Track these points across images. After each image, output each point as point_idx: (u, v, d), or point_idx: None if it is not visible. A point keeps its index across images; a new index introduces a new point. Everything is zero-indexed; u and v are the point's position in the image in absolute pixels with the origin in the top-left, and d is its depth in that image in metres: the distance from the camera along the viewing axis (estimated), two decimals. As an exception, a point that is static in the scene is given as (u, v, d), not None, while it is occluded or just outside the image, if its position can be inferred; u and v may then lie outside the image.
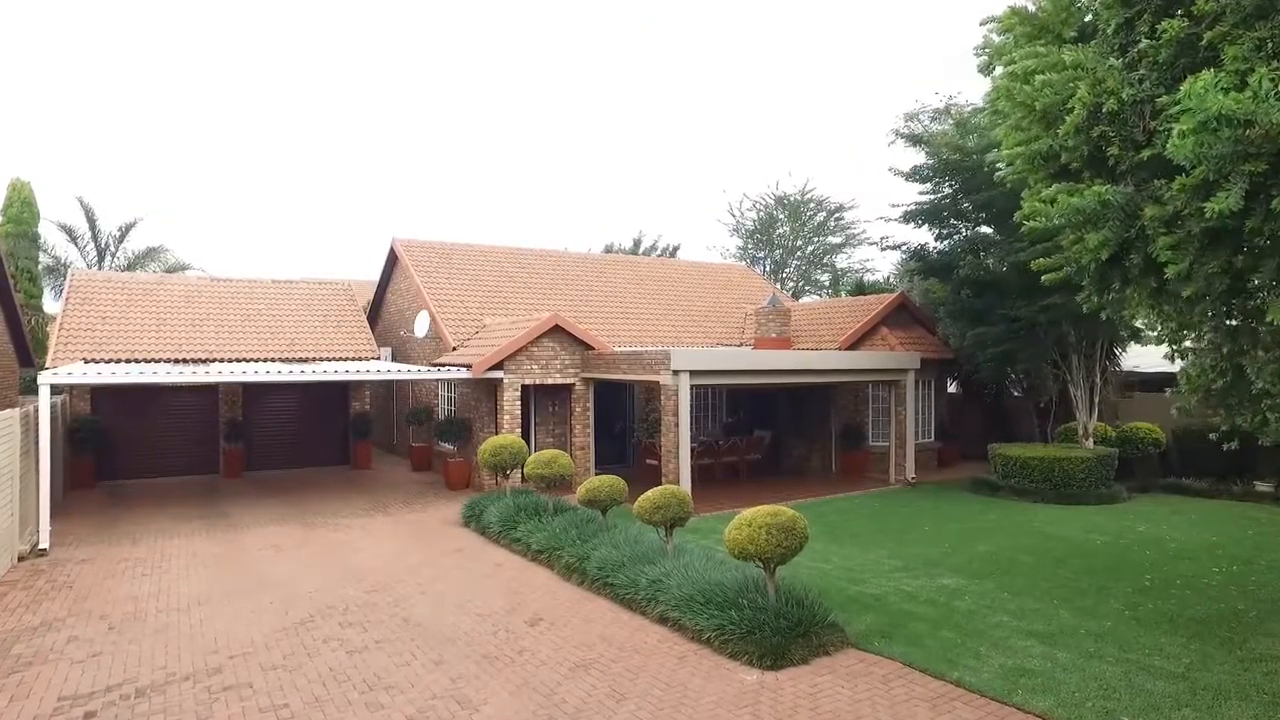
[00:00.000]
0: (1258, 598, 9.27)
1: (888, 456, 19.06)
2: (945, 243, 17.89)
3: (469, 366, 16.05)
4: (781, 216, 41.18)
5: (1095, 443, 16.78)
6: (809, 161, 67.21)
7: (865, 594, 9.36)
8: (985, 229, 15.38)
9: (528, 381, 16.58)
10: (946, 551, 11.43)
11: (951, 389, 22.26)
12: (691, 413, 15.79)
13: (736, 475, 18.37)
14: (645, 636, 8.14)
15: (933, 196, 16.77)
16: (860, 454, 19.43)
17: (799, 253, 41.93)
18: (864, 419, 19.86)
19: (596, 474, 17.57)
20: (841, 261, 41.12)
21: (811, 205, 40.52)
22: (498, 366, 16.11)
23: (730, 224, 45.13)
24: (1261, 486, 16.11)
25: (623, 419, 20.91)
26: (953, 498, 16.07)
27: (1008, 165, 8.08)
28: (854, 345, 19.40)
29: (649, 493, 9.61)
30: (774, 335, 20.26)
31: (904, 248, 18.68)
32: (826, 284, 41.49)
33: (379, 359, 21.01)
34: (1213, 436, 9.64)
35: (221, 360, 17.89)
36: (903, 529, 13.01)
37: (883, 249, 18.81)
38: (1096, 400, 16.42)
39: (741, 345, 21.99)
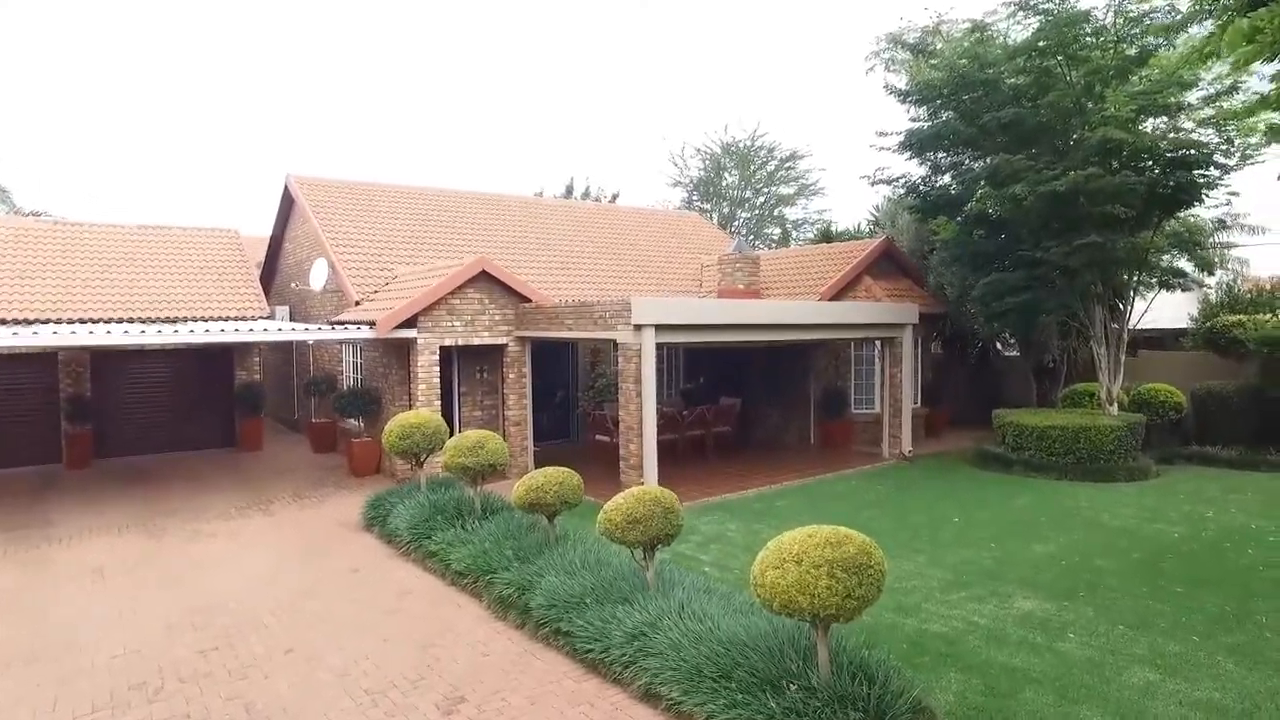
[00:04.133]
0: None
1: (873, 426, 16.54)
2: (950, 175, 15.17)
3: (373, 324, 12.72)
4: (729, 165, 38.25)
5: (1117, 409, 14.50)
6: (757, 107, 64.17)
7: (929, 633, 6.63)
8: (1008, 155, 12.70)
9: (448, 342, 13.35)
10: (999, 556, 8.82)
11: (935, 348, 19.84)
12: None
13: (703, 451, 15.57)
14: (627, 731, 5.26)
15: (944, 116, 13.95)
16: (842, 423, 16.85)
17: (748, 204, 39.16)
18: (846, 383, 17.28)
19: (536, 451, 14.71)
20: (794, 214, 38.53)
21: (762, 153, 37.68)
22: (409, 324, 12.83)
23: (673, 174, 42.04)
24: (1299, 455, 14.12)
25: (565, 385, 17.86)
26: (963, 476, 13.58)
27: None
28: (835, 298, 16.69)
29: (620, 499, 6.62)
30: (741, 286, 17.36)
31: (901, 181, 15.90)
32: (776, 238, 38.89)
33: (272, 318, 17.44)
34: None
35: (63, 321, 14.11)
36: (928, 523, 10.38)
37: (873, 183, 15.52)
38: (1123, 359, 14.06)
39: (703, 298, 19.07)
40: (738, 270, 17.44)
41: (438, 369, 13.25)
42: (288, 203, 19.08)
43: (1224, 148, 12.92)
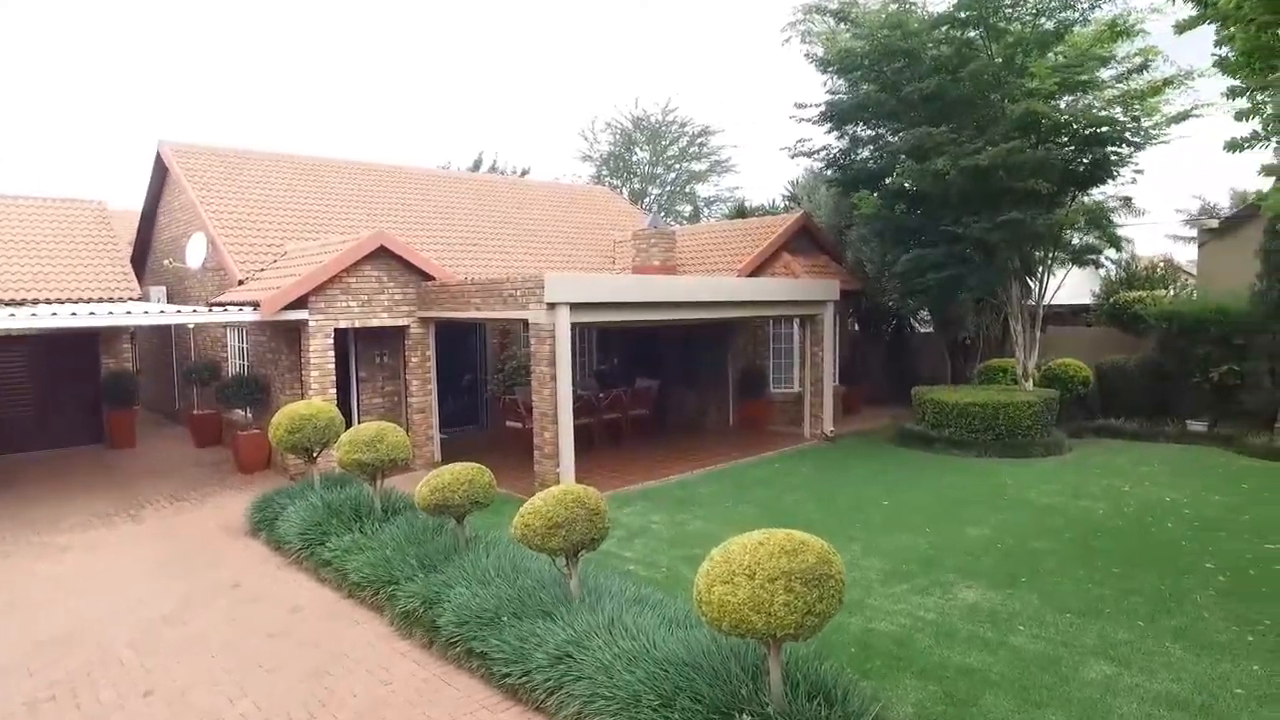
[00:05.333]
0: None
1: (792, 406, 16.28)
2: (870, 148, 14.88)
3: (257, 305, 11.47)
4: (640, 140, 37.50)
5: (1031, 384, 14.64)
6: (669, 81, 63.37)
7: (877, 633, 6.18)
8: (930, 127, 12.45)
9: (344, 324, 12.22)
10: (934, 541, 8.51)
11: (851, 325, 19.75)
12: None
13: (620, 436, 14.94)
14: (553, 772, 4.57)
15: (865, 88, 13.57)
16: (762, 403, 16.52)
17: (659, 181, 38.56)
18: (764, 362, 16.94)
19: (443, 439, 13.75)
20: (706, 191, 38.16)
21: (673, 128, 37.08)
22: (300, 304, 11.64)
23: (583, 149, 40.97)
24: (1194, 425, 14.61)
25: (473, 369, 16.89)
26: (886, 455, 13.40)
27: None
28: (753, 274, 16.26)
29: (538, 502, 5.86)
30: (657, 262, 16.75)
31: (821, 154, 15.52)
32: (688, 215, 38.48)
33: (146, 300, 15.76)
34: None
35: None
36: (857, 507, 10.04)
37: (793, 155, 15.09)
38: (1039, 335, 14.15)
39: (618, 275, 18.35)
40: (653, 246, 16.81)
41: (332, 353, 12.12)
42: (160, 172, 17.26)
43: (1131, 126, 13.05)
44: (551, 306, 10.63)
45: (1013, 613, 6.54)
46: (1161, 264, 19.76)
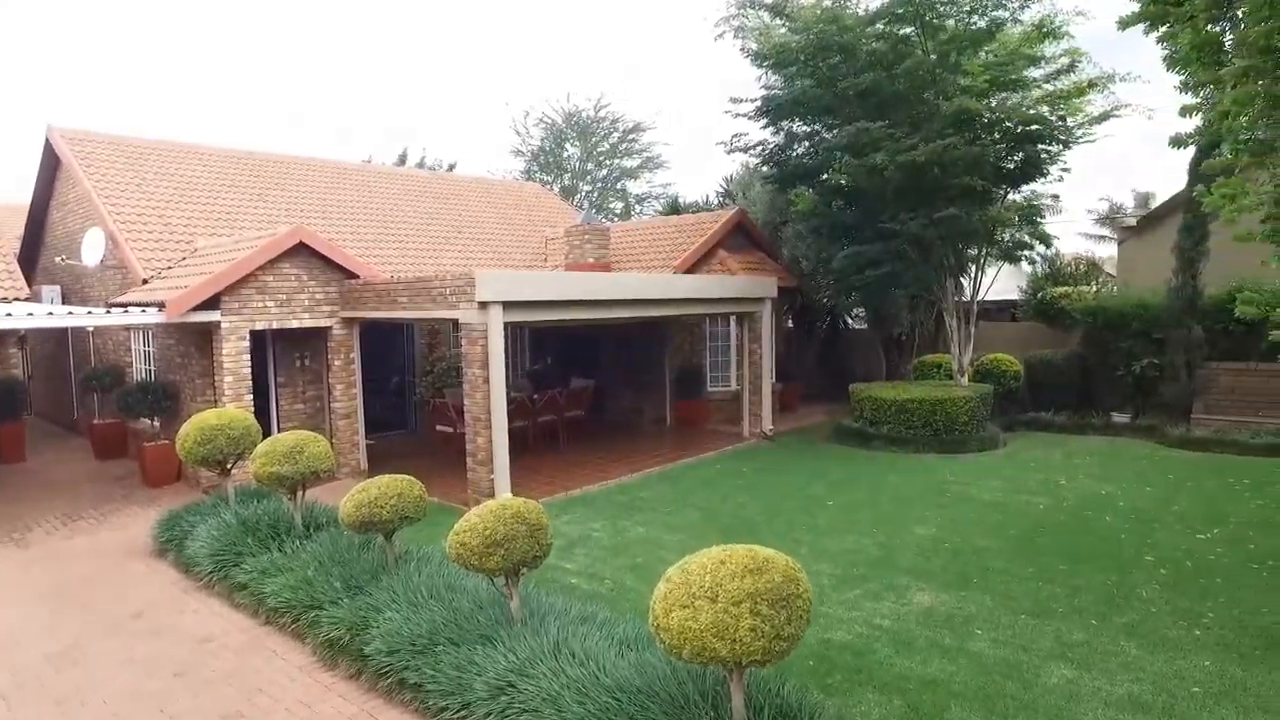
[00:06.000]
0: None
1: (730, 404, 16.14)
2: (807, 143, 14.77)
3: (162, 305, 10.61)
4: (572, 135, 36.98)
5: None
6: (600, 76, 62.85)
7: (834, 643, 5.93)
8: (868, 123, 12.38)
9: (260, 325, 11.44)
10: (883, 542, 8.37)
11: (786, 322, 19.73)
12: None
13: (556, 439, 14.48)
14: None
15: (800, 83, 13.43)
16: (699, 403, 16.30)
17: (590, 177, 38.11)
18: (701, 360, 16.73)
19: (370, 444, 13.05)
20: (638, 188, 37.88)
21: (605, 124, 36.68)
22: (211, 305, 10.83)
23: (514, 143, 40.19)
24: (1119, 417, 15.03)
25: (401, 371, 16.19)
26: (825, 453, 13.32)
27: None
28: (689, 271, 16.02)
29: (474, 518, 5.40)
30: (591, 259, 16.36)
31: (758, 149, 15.34)
32: (619, 212, 38.15)
33: (36, 300, 14.51)
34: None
35: None
36: (802, 508, 9.86)
37: (729, 150, 14.91)
38: (974, 331, 14.31)
39: (552, 273, 17.87)
40: (587, 243, 16.43)
41: (248, 357, 11.34)
42: (51, 162, 15.97)
43: (1059, 126, 13.29)
44: (483, 306, 10.13)
45: (968, 616, 6.40)
46: (1084, 261, 20.35)
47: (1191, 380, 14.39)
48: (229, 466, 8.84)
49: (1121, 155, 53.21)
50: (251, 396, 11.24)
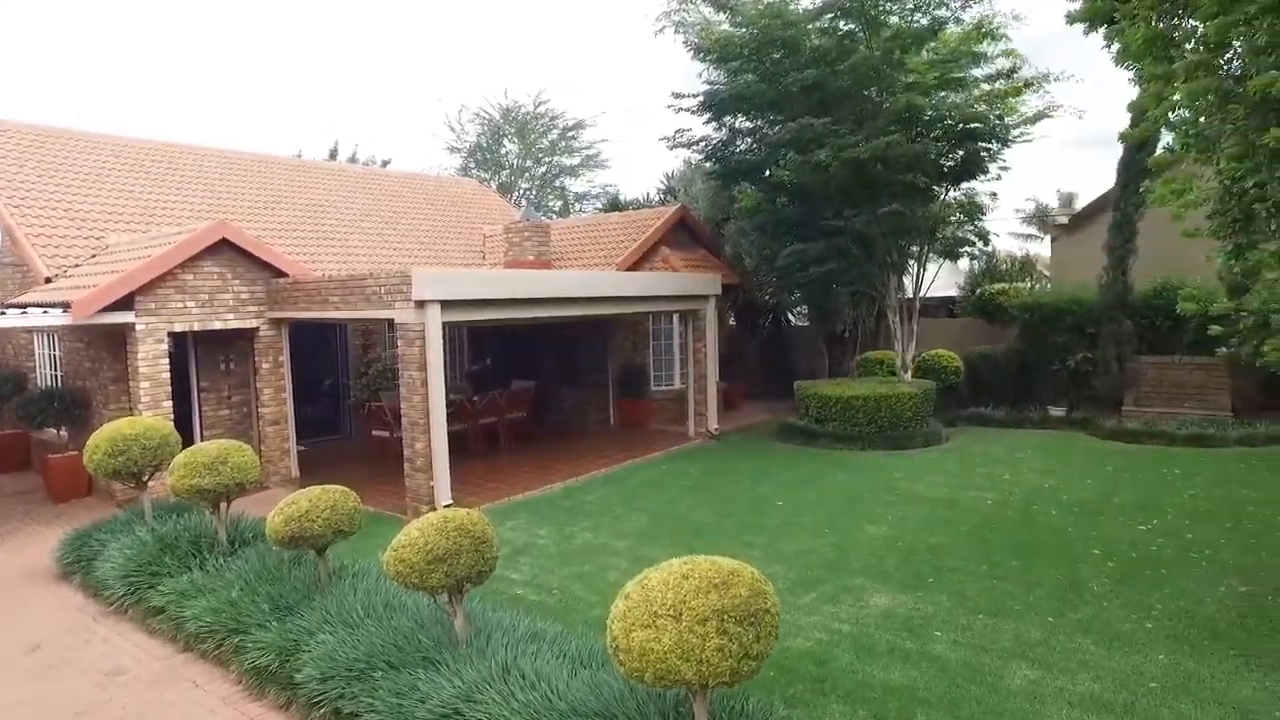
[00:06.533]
0: (1242, 565, 7.19)
1: (674, 404, 15.96)
2: (751, 139, 14.65)
3: (67, 305, 9.84)
4: (510, 131, 36.36)
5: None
6: (538, 73, 61.97)
7: (794, 651, 5.73)
8: (813, 119, 12.32)
9: (180, 327, 10.74)
10: (836, 543, 8.24)
11: (729, 320, 19.65)
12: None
13: (497, 441, 14.05)
14: None
15: (744, 78, 13.30)
16: (643, 402, 16.07)
17: (528, 174, 37.53)
18: (645, 359, 16.50)
19: (302, 451, 12.42)
20: (578, 186, 37.49)
21: (544, 121, 36.16)
22: (124, 305, 10.09)
23: (449, 140, 39.36)
24: (1055, 411, 15.34)
25: (334, 373, 15.53)
26: (773, 452, 13.22)
27: None
28: (632, 269, 15.76)
29: (415, 532, 5.01)
30: (531, 257, 15.95)
31: (701, 144, 15.17)
32: (558, 210, 37.69)
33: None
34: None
35: None
36: (752, 509, 9.68)
37: (672, 146, 14.67)
38: (916, 328, 14.41)
39: (491, 270, 17.39)
40: (527, 240, 16.01)
41: (167, 361, 10.63)
42: (-56, 152, 14.80)
43: (998, 125, 13.49)
44: (420, 305, 9.68)
45: (927, 617, 6.29)
46: (1020, 258, 20.81)
47: (1122, 374, 14.77)
48: (145, 479, 8.22)
49: (1047, 156, 55.14)
50: (171, 403, 10.54)
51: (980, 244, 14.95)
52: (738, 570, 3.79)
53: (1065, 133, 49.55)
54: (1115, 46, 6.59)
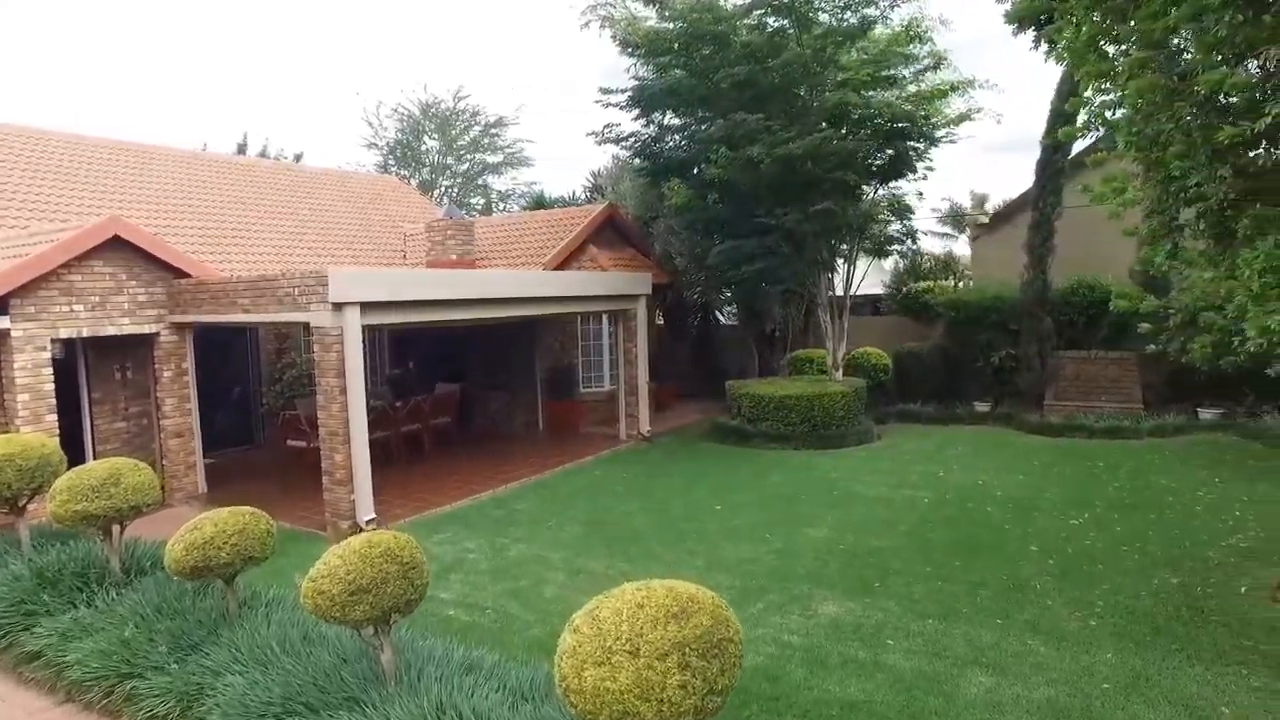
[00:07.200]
0: (1170, 556, 7.30)
1: (604, 405, 15.64)
2: (680, 135, 14.42)
3: (-67, 311, 8.85)
4: (430, 128, 35.33)
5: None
6: (459, 66, 60.54)
7: (744, 668, 5.36)
8: (746, 115, 12.16)
9: (67, 332, 9.82)
10: (778, 549, 8.05)
11: (658, 319, 19.43)
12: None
13: (421, 449, 13.44)
14: None
15: (675, 73, 13.04)
16: (573, 404, 15.67)
17: (450, 172, 36.57)
18: (574, 361, 16.11)
19: (210, 463, 11.57)
20: (501, 184, 36.73)
21: (465, 117, 35.28)
22: (-1, 309, 9.15)
23: (367, 135, 38.02)
24: (981, 407, 15.64)
25: (244, 380, 14.63)
26: (706, 454, 13.02)
27: None
28: (559, 268, 15.34)
29: (335, 559, 4.52)
30: (454, 256, 15.36)
31: (630, 141, 14.85)
32: (480, 208, 36.84)
33: None
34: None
35: None
36: (690, 515, 9.42)
37: (600, 142, 14.35)
38: (846, 326, 14.44)
39: (412, 270, 16.68)
40: (450, 238, 15.43)
41: (51, 370, 9.69)
42: None
43: (925, 125, 13.63)
44: (338, 307, 9.07)
45: (877, 625, 6.13)
46: (941, 257, 21.23)
47: (1044, 369, 15.16)
48: (22, 504, 7.39)
49: (960, 159, 57.03)
50: (55, 417, 9.61)
51: (909, 242, 15.11)
52: (696, 596, 3.48)
53: (980, 137, 51.30)
54: (1044, 47, 6.59)
